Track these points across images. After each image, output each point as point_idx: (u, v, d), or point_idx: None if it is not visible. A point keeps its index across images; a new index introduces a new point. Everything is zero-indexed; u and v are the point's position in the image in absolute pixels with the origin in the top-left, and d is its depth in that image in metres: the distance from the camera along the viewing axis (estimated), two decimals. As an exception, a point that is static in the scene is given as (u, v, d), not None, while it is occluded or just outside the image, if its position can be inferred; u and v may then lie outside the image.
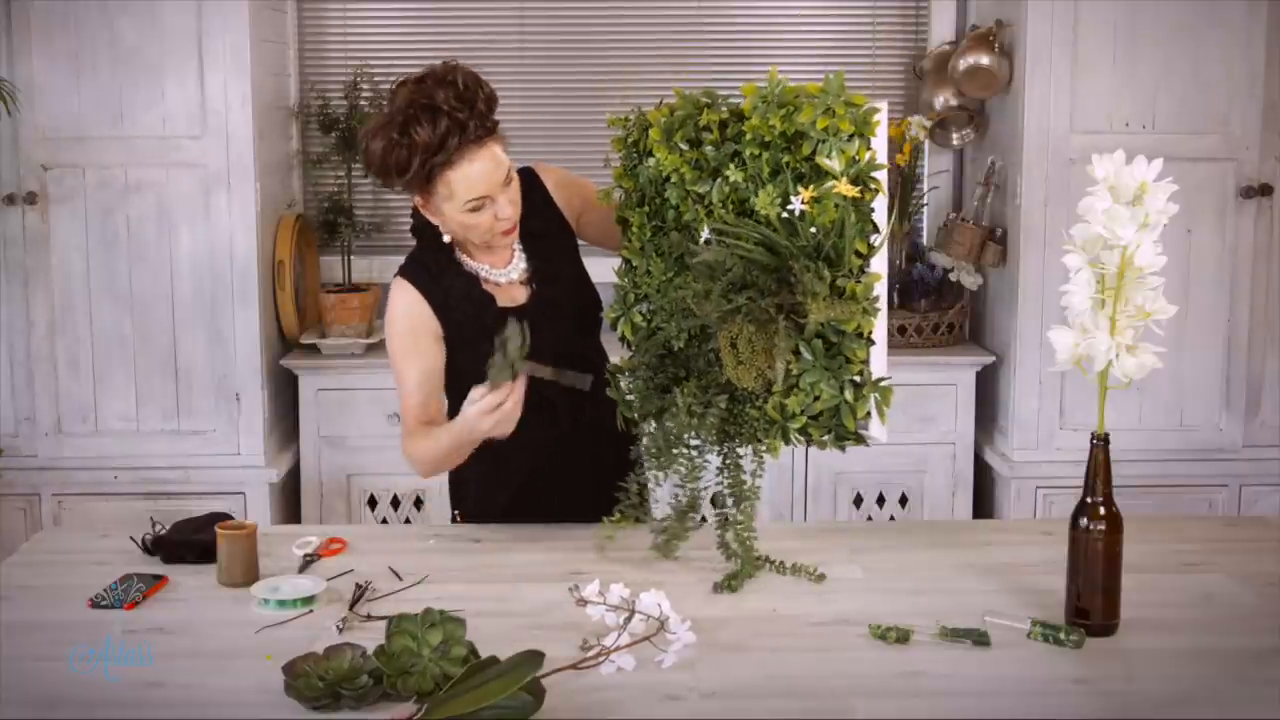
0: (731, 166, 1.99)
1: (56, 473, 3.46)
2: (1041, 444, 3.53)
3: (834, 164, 1.91)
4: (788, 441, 1.99)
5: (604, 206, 2.29)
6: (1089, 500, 1.86)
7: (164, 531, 2.21)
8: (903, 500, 3.70)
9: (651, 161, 2.10)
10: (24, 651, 1.82)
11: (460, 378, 2.29)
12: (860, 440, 1.97)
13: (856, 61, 4.00)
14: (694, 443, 2.09)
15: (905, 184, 3.84)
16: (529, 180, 2.34)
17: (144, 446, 3.45)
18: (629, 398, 2.18)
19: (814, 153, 1.92)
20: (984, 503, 3.75)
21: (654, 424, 2.10)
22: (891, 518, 3.68)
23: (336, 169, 3.82)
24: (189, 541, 2.17)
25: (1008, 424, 3.59)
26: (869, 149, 1.93)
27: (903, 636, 1.84)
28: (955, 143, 3.91)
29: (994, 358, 3.67)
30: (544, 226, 2.34)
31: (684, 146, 2.06)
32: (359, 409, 3.61)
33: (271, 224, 3.57)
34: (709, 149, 2.03)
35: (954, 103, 3.80)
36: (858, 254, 1.92)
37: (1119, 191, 1.79)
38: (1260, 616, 1.94)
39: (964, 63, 3.64)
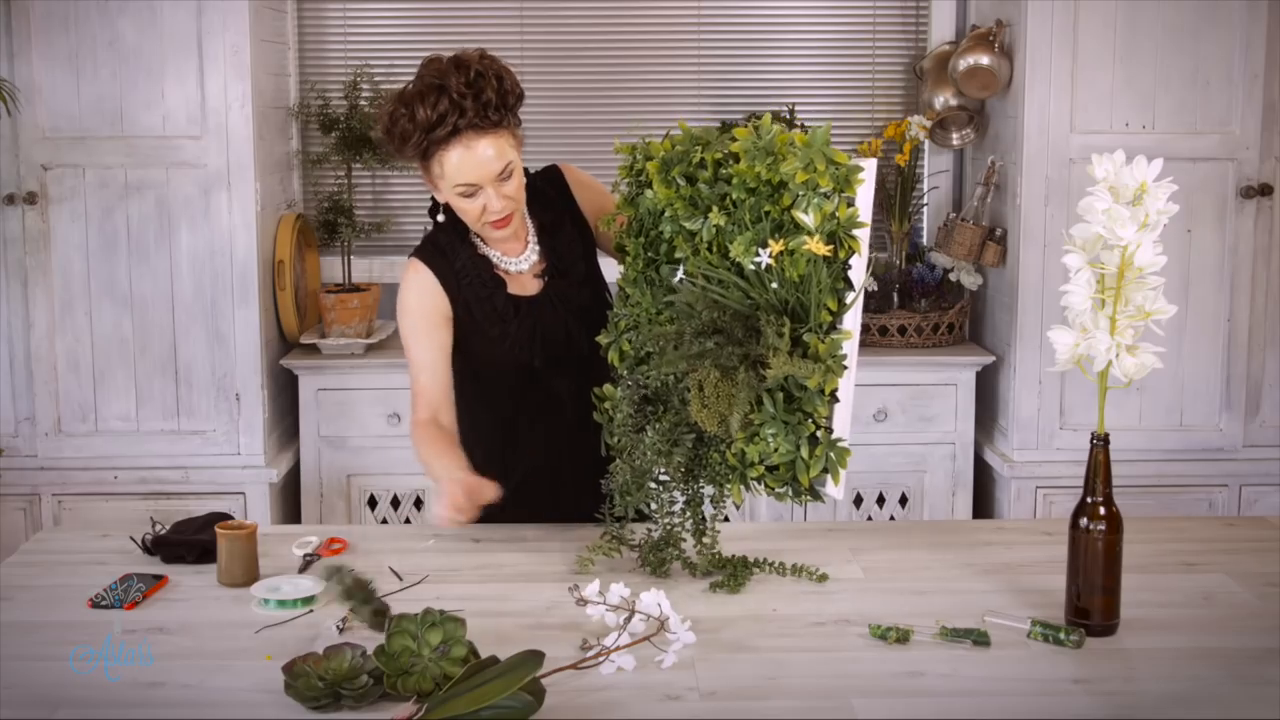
0: (716, 209, 1.99)
1: (56, 473, 3.46)
2: (1041, 444, 3.53)
3: (809, 219, 1.90)
4: (747, 488, 1.99)
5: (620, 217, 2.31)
6: (1089, 500, 1.86)
7: (164, 531, 2.21)
8: (903, 500, 3.70)
9: (649, 193, 2.11)
10: (24, 651, 1.82)
11: (468, 360, 2.30)
12: (816, 496, 1.95)
13: (856, 61, 4.01)
14: (662, 478, 2.09)
15: (905, 184, 3.85)
16: (552, 177, 2.38)
17: (144, 446, 3.45)
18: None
19: (793, 205, 1.91)
20: (984, 503, 3.75)
21: (623, 458, 2.09)
22: (891, 518, 3.69)
23: (336, 169, 3.82)
24: (189, 541, 2.17)
25: (1008, 424, 3.59)
26: (849, 206, 1.92)
27: (903, 636, 1.84)
28: (955, 143, 3.91)
29: (994, 358, 3.67)
30: (561, 222, 2.36)
31: (681, 181, 2.06)
32: (359, 409, 3.61)
33: (271, 224, 3.57)
34: (702, 187, 2.03)
35: (954, 103, 3.80)
36: (828, 310, 1.91)
37: (1119, 191, 1.80)
38: (1260, 616, 1.95)
39: (964, 63, 3.64)
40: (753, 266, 1.93)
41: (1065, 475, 3.50)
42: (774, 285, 1.92)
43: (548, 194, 2.36)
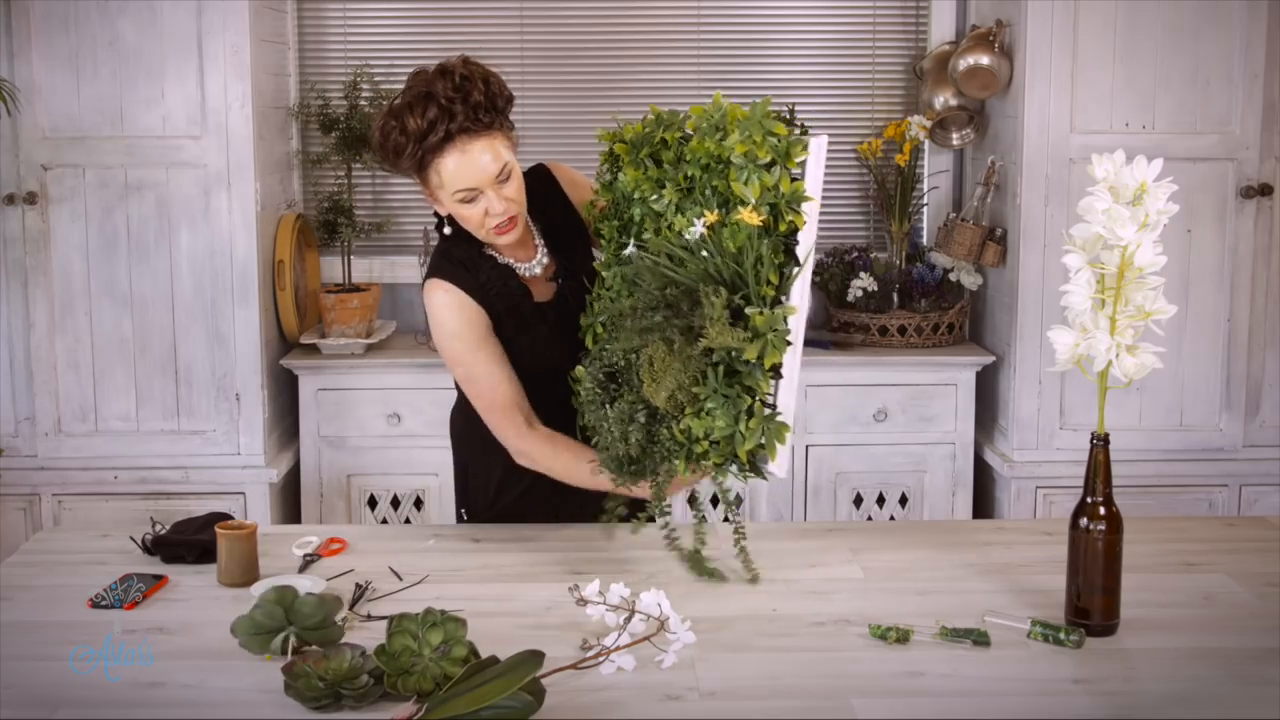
0: (670, 186, 1.99)
1: (56, 473, 3.46)
2: (1041, 444, 3.53)
3: (748, 191, 1.89)
4: (692, 463, 1.96)
5: (599, 202, 2.32)
6: (1089, 500, 1.86)
7: (164, 531, 2.21)
8: (903, 500, 3.70)
9: (621, 176, 2.11)
10: (24, 651, 1.83)
11: (515, 363, 2.28)
12: (758, 473, 1.94)
13: (856, 61, 4.01)
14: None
15: (905, 184, 3.85)
16: (543, 177, 2.37)
17: (144, 446, 3.45)
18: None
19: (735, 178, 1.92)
20: (984, 503, 3.75)
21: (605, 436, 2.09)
22: (891, 518, 3.69)
23: (336, 169, 3.82)
24: (189, 541, 2.17)
25: (1008, 424, 3.59)
26: (791, 180, 1.91)
27: (903, 636, 1.84)
28: (955, 143, 3.91)
29: (994, 358, 3.67)
30: (562, 222, 2.36)
31: (648, 163, 2.07)
32: (359, 409, 3.61)
33: (271, 224, 3.57)
34: (667, 168, 2.03)
35: (954, 103, 3.80)
36: (770, 284, 1.89)
37: (1119, 191, 1.80)
38: (1260, 616, 1.95)
39: (964, 63, 3.64)
40: (688, 238, 1.94)
41: (1065, 475, 3.50)
42: (704, 254, 1.91)
43: (546, 197, 2.35)
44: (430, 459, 3.55)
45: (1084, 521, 1.86)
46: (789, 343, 1.89)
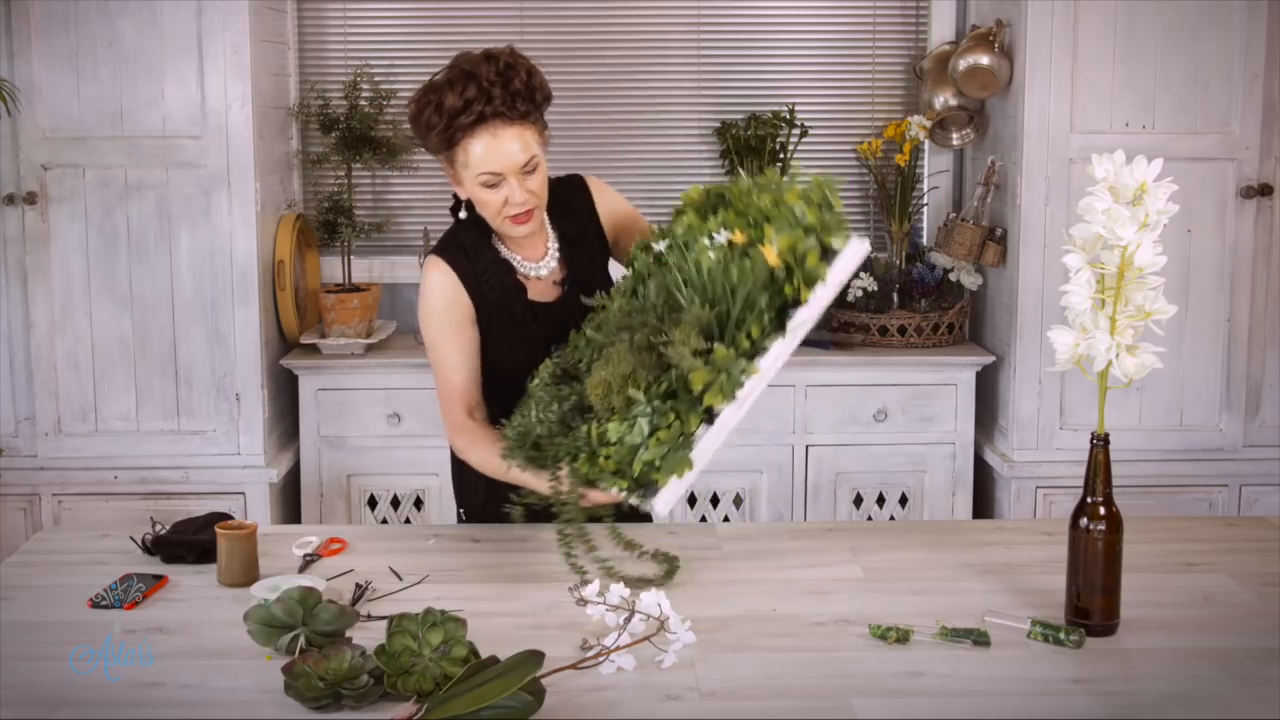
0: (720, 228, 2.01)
1: (56, 473, 3.46)
2: (1041, 444, 3.53)
3: (775, 238, 1.88)
4: (591, 463, 1.91)
5: (639, 234, 2.35)
6: (1089, 500, 1.86)
7: (164, 531, 2.21)
8: (903, 500, 3.70)
9: (683, 218, 2.12)
10: (24, 651, 1.82)
11: (492, 357, 2.30)
12: (641, 499, 1.87)
13: (856, 61, 4.01)
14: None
15: (905, 184, 3.85)
16: (575, 186, 2.39)
17: (144, 446, 3.45)
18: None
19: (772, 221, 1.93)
20: (984, 503, 3.75)
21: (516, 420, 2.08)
22: (891, 518, 3.69)
23: (336, 169, 3.82)
24: (189, 541, 2.17)
25: (1008, 424, 3.59)
26: (821, 256, 1.88)
27: (903, 636, 1.84)
28: (955, 143, 3.91)
29: (994, 358, 3.67)
30: (582, 232, 2.37)
31: (710, 214, 2.09)
32: (359, 409, 3.61)
33: (271, 224, 3.57)
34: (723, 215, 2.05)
35: (954, 103, 3.80)
36: (748, 336, 1.87)
37: (1119, 191, 1.80)
38: (1260, 616, 1.95)
39: (964, 63, 3.65)
40: (707, 242, 1.95)
41: (1065, 475, 3.50)
42: (706, 273, 1.90)
43: (571, 204, 2.36)
44: (430, 459, 3.55)
45: (1084, 521, 1.86)
46: (735, 397, 1.85)
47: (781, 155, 3.86)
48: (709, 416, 1.87)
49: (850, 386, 3.64)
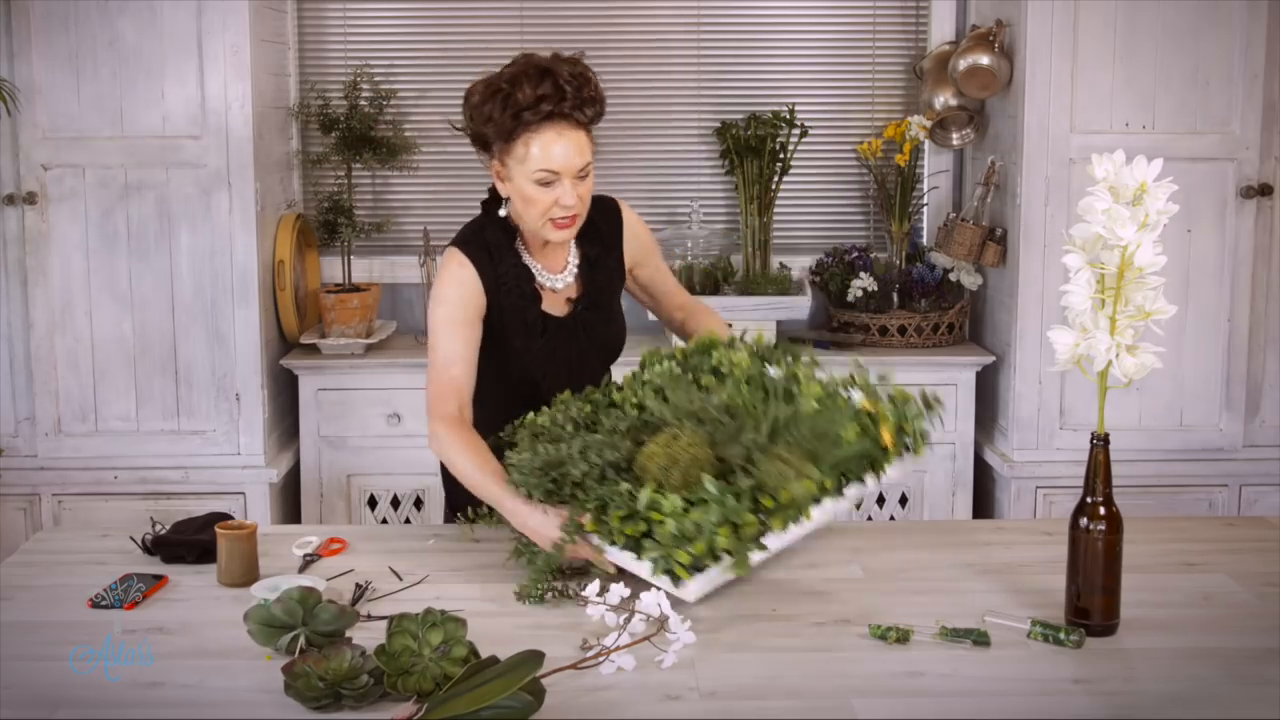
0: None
1: (56, 473, 3.46)
2: (1041, 444, 3.53)
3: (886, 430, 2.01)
4: (616, 519, 1.92)
5: (654, 268, 2.44)
6: (1089, 500, 1.86)
7: (164, 531, 2.21)
8: (903, 500, 3.70)
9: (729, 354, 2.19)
10: (24, 651, 1.82)
11: (491, 360, 2.28)
12: (673, 580, 1.87)
13: (856, 61, 4.01)
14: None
15: (905, 184, 3.85)
16: (609, 209, 2.40)
17: (144, 446, 3.45)
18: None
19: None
20: (984, 503, 3.75)
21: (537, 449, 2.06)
22: (891, 518, 3.68)
23: (336, 169, 3.82)
24: (189, 541, 2.17)
25: (1008, 424, 3.59)
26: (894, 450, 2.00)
27: (903, 636, 1.84)
28: (955, 143, 3.91)
29: (994, 358, 3.67)
30: (604, 255, 2.39)
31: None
32: (359, 409, 3.61)
33: (271, 224, 3.57)
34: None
35: (954, 103, 3.80)
36: (821, 487, 1.93)
37: (1119, 191, 1.80)
38: (1260, 616, 1.95)
39: (964, 63, 3.64)
40: (846, 393, 2.06)
41: (1065, 475, 3.50)
42: (810, 411, 2.00)
43: (600, 226, 2.36)
44: (430, 459, 3.50)
45: (1084, 521, 1.86)
46: (799, 523, 1.92)
47: (781, 155, 3.86)
48: (758, 540, 1.90)
49: (850, 386, 3.64)
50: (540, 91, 2.14)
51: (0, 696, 1.68)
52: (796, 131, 3.85)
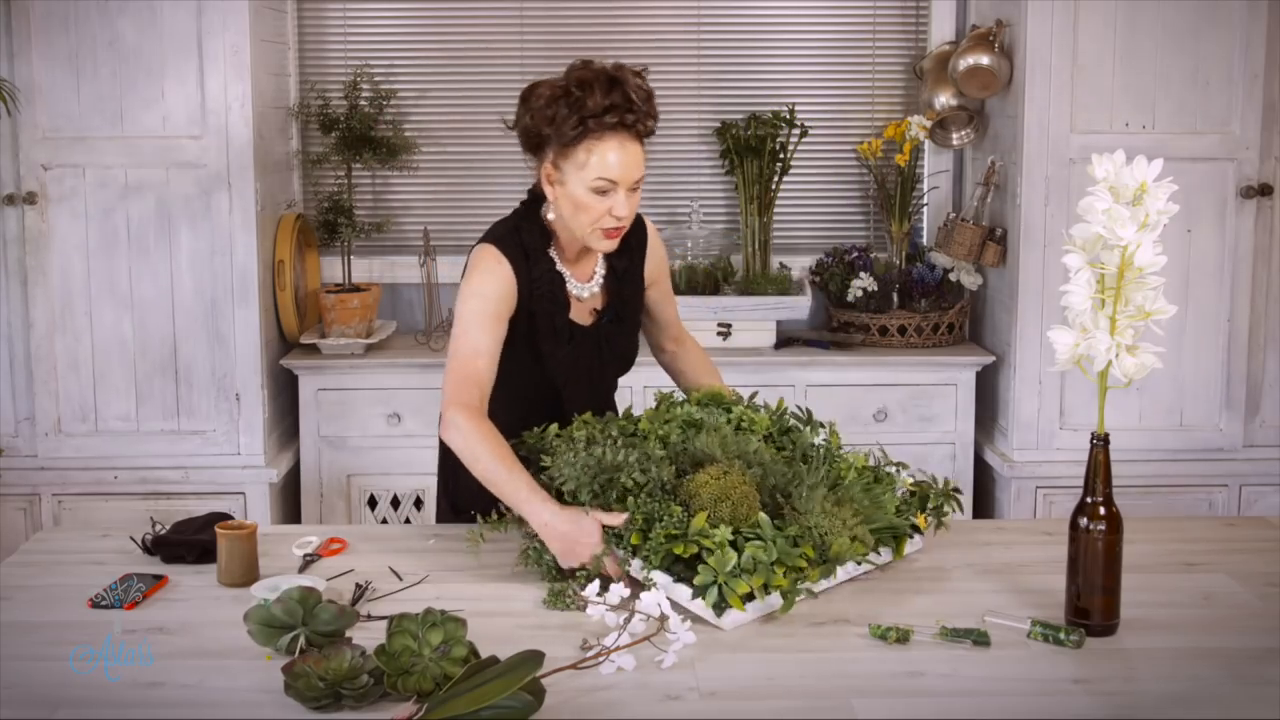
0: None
1: (56, 473, 3.46)
2: (1041, 444, 3.53)
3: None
4: (662, 536, 1.94)
5: (663, 292, 2.47)
6: (1089, 500, 1.86)
7: (164, 531, 2.21)
8: (903, 500, 3.69)
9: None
10: (24, 651, 1.82)
11: (512, 363, 2.27)
12: (717, 610, 1.89)
13: (856, 61, 4.01)
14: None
15: (905, 184, 3.85)
16: (638, 226, 2.41)
17: (144, 446, 3.45)
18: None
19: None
20: (984, 503, 3.75)
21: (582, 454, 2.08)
22: (891, 518, 3.68)
23: (336, 169, 3.82)
24: (189, 541, 2.17)
25: (1008, 424, 3.59)
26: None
27: (903, 636, 1.84)
28: (955, 143, 3.91)
29: (994, 358, 3.67)
30: (630, 269, 2.40)
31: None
32: (359, 409, 3.61)
33: (271, 224, 3.57)
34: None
35: (954, 103, 3.80)
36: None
37: (1119, 191, 1.80)
38: (1260, 616, 1.95)
39: (964, 63, 3.64)
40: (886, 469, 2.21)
41: (1065, 475, 3.50)
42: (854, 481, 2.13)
43: (629, 241, 2.36)
44: (430, 459, 3.50)
45: (1084, 521, 1.86)
46: (828, 573, 2.00)
47: (781, 155, 3.86)
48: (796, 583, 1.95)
49: (850, 386, 3.64)
50: (610, 100, 2.14)
51: (0, 696, 1.68)
52: (796, 131, 3.85)
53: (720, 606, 1.88)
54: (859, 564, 2.05)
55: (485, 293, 2.23)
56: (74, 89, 3.34)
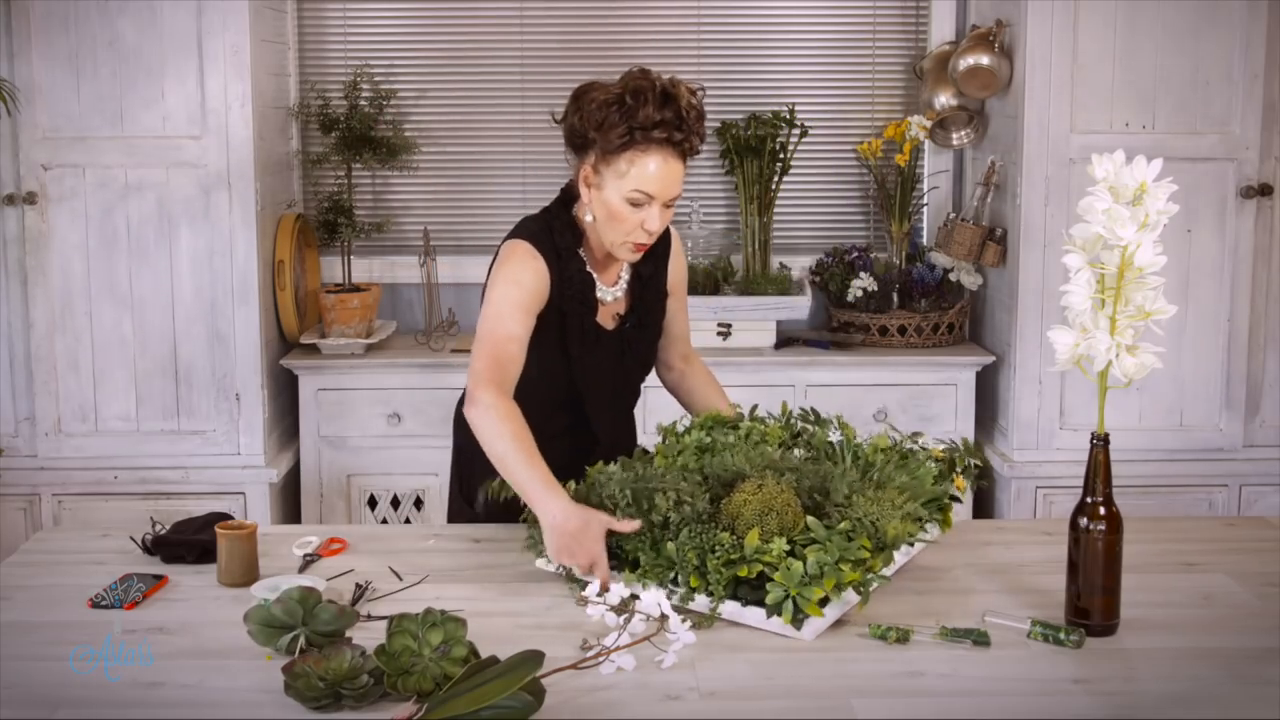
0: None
1: (56, 473, 3.46)
2: (1041, 444, 3.53)
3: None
4: (721, 566, 1.92)
5: (679, 305, 2.47)
6: (1089, 500, 1.86)
7: (164, 531, 2.21)
8: (903, 500, 3.69)
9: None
10: (24, 651, 1.82)
11: (536, 363, 2.25)
12: (796, 624, 1.87)
13: (856, 61, 4.01)
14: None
15: (905, 184, 3.85)
16: (667, 234, 2.42)
17: (144, 446, 3.45)
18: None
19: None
20: (984, 503, 3.75)
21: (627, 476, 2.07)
22: (891, 518, 3.68)
23: (336, 169, 3.82)
24: (189, 541, 2.17)
25: (1008, 424, 3.59)
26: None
27: (903, 636, 1.84)
28: (955, 143, 3.91)
29: (994, 358, 3.67)
30: (654, 275, 2.40)
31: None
32: (359, 409, 3.61)
33: (271, 224, 3.57)
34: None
35: (954, 103, 3.80)
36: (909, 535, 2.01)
37: (1119, 191, 1.79)
38: (1260, 616, 1.95)
39: (964, 63, 3.64)
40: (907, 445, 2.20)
41: (1065, 475, 3.50)
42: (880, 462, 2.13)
43: (654, 249, 2.35)
44: (430, 459, 3.55)
45: (1084, 521, 1.86)
46: (885, 575, 1.96)
47: (781, 155, 3.86)
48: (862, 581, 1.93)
49: (850, 386, 3.64)
50: (662, 115, 2.14)
51: (0, 696, 1.68)
52: (796, 131, 3.85)
53: (799, 619, 1.86)
54: (911, 544, 2.05)
55: (523, 281, 2.22)
56: (74, 89, 3.34)
